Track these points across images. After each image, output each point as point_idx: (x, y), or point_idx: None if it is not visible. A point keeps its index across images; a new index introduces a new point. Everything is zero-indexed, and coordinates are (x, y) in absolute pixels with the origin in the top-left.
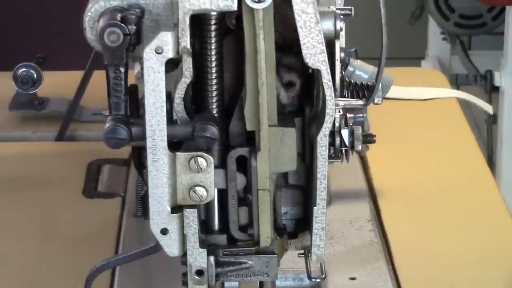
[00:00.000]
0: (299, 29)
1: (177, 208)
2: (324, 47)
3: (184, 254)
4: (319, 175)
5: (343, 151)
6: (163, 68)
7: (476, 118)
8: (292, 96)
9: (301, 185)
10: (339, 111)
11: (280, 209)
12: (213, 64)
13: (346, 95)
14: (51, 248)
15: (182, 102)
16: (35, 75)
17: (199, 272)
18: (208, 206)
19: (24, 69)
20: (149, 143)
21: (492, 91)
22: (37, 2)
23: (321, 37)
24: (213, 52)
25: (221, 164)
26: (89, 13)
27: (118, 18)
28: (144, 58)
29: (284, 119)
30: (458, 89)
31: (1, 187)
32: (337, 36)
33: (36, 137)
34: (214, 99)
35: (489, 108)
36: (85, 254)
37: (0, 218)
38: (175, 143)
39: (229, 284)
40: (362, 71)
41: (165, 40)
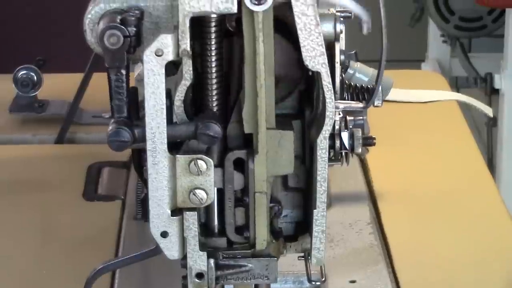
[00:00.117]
0: (299, 32)
1: (177, 211)
2: (324, 50)
3: (184, 257)
4: (319, 178)
5: (343, 153)
6: (163, 71)
7: (476, 120)
8: None
9: (301, 188)
10: (339, 114)
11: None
12: (213, 66)
13: (346, 98)
14: (51, 251)
15: (182, 104)
16: (35, 78)
17: (199, 275)
18: (208, 209)
19: (24, 72)
20: (149, 146)
21: (492, 93)
22: (37, 4)
23: (321, 39)
24: (213, 54)
25: (220, 163)
26: (89, 16)
27: (118, 21)
28: (144, 61)
29: (282, 122)
30: (458, 91)
31: (1, 189)
32: (337, 38)
33: (36, 140)
34: (214, 102)
35: (489, 110)
36: (85, 256)
37: (0, 221)
38: (175, 144)
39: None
40: (362, 74)
41: (165, 43)
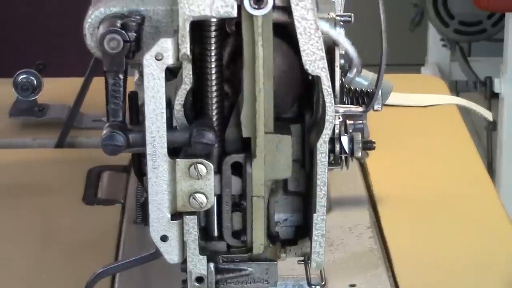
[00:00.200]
0: (299, 36)
1: (177, 215)
2: (323, 54)
3: (184, 261)
4: (319, 182)
5: (343, 157)
6: (163, 75)
7: (476, 124)
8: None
9: (301, 192)
10: (339, 118)
11: (274, 217)
12: (213, 70)
13: (346, 102)
14: (51, 255)
15: (182, 108)
16: (35, 82)
17: (199, 279)
18: (208, 213)
19: (24, 76)
20: (149, 150)
21: (491, 97)
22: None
23: (321, 43)
24: (213, 59)
25: (219, 169)
26: (89, 20)
27: (118, 25)
28: (144, 65)
29: (280, 126)
30: (457, 95)
31: (2, 193)
32: (336, 42)
33: (36, 144)
34: (214, 106)
35: (488, 114)
36: (85, 260)
37: (1, 224)
38: (174, 149)
39: None
40: (362, 78)
41: (165, 47)
